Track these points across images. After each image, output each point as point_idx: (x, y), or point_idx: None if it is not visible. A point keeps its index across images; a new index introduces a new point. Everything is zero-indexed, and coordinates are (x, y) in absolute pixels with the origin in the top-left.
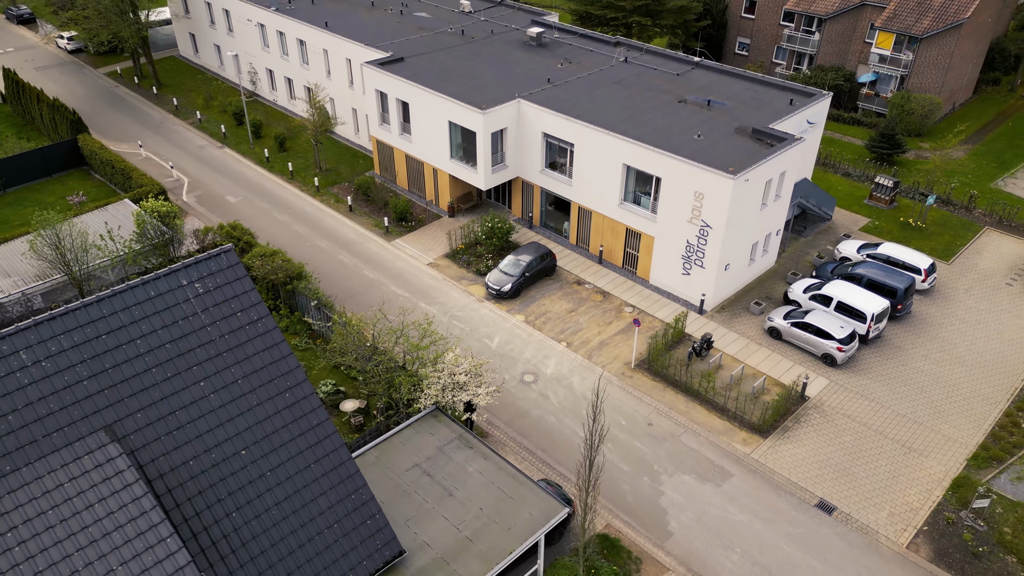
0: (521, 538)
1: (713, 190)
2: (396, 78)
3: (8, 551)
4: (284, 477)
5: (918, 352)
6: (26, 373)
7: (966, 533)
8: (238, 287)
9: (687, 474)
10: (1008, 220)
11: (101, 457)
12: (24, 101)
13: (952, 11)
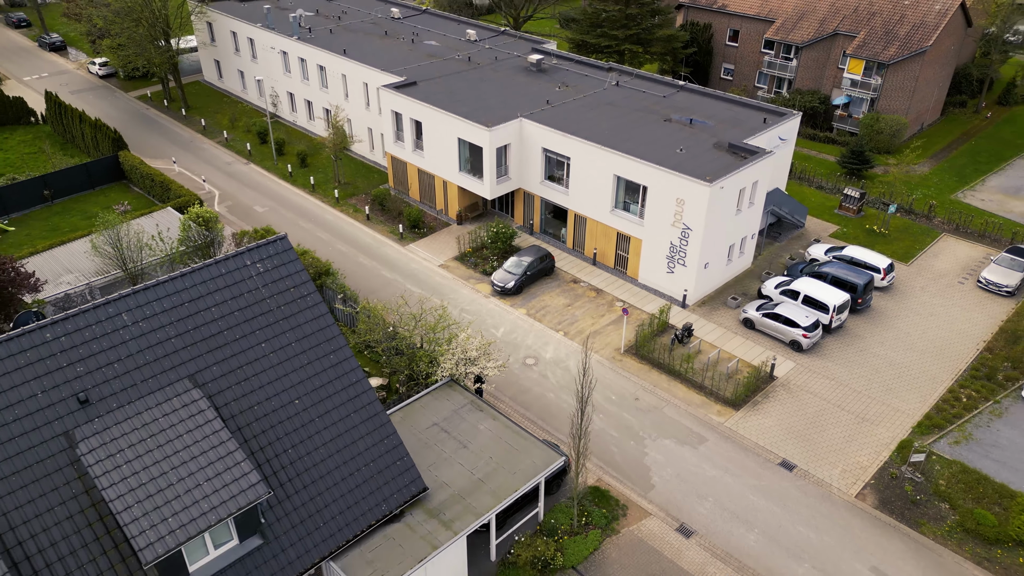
0: (524, 479)
1: (692, 197)
2: (410, 100)
3: (118, 467)
4: (329, 423)
5: (875, 340)
6: (127, 331)
7: (907, 485)
8: (291, 268)
9: (668, 439)
10: (964, 227)
11: (187, 399)
12: (65, 121)
13: (916, 40)
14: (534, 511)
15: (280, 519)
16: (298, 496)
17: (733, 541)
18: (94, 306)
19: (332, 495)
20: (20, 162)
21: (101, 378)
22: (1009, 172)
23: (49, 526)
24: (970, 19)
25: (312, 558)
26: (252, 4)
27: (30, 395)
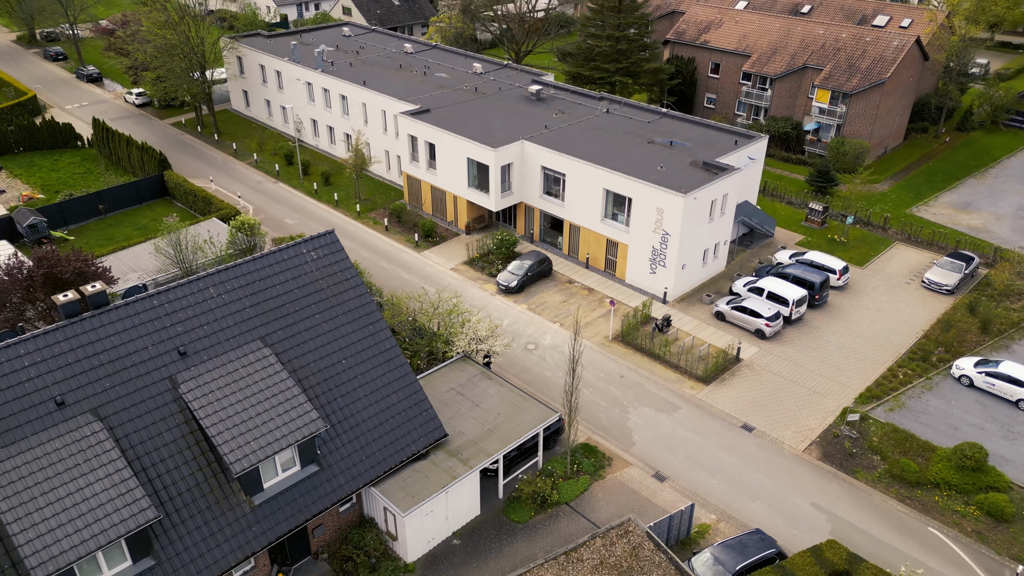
0: (526, 429)
1: (670, 206)
2: (425, 124)
3: (210, 403)
4: (369, 380)
5: (829, 329)
6: (213, 301)
7: (846, 442)
8: (338, 256)
9: (647, 407)
10: (915, 237)
11: (259, 355)
12: (112, 144)
13: (875, 73)
14: (534, 460)
15: (331, 453)
16: (345, 435)
17: (699, 485)
18: (188, 281)
19: (372, 436)
20: (71, 180)
21: (195, 336)
22: (961, 190)
23: (159, 446)
24: (926, 54)
25: (357, 484)
26: (278, 40)
27: (140, 351)
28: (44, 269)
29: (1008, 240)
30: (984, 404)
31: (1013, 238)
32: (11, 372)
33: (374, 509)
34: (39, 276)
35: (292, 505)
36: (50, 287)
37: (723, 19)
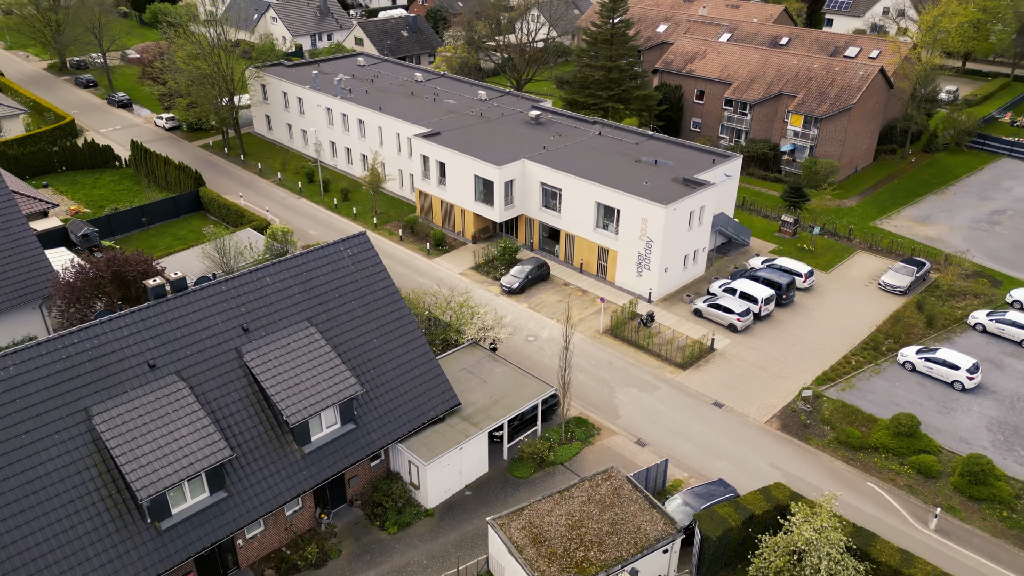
0: (526, 400)
1: (653, 216)
2: (436, 145)
3: (269, 369)
4: (395, 356)
5: (794, 324)
6: (268, 288)
7: (802, 416)
8: (369, 253)
9: (632, 388)
10: (875, 246)
11: (306, 333)
12: (149, 164)
13: (843, 99)
14: (533, 429)
15: (365, 415)
16: (375, 401)
17: (675, 449)
18: (249, 271)
19: (398, 402)
20: (112, 196)
21: (255, 316)
22: (922, 205)
23: (229, 403)
24: (891, 82)
25: (386, 440)
26: (298, 69)
27: (210, 327)
28: (113, 268)
29: (960, 249)
30: (923, 385)
31: (964, 247)
32: (114, 341)
33: (399, 464)
34: (108, 274)
35: (333, 456)
36: (117, 284)
37: (707, 50)
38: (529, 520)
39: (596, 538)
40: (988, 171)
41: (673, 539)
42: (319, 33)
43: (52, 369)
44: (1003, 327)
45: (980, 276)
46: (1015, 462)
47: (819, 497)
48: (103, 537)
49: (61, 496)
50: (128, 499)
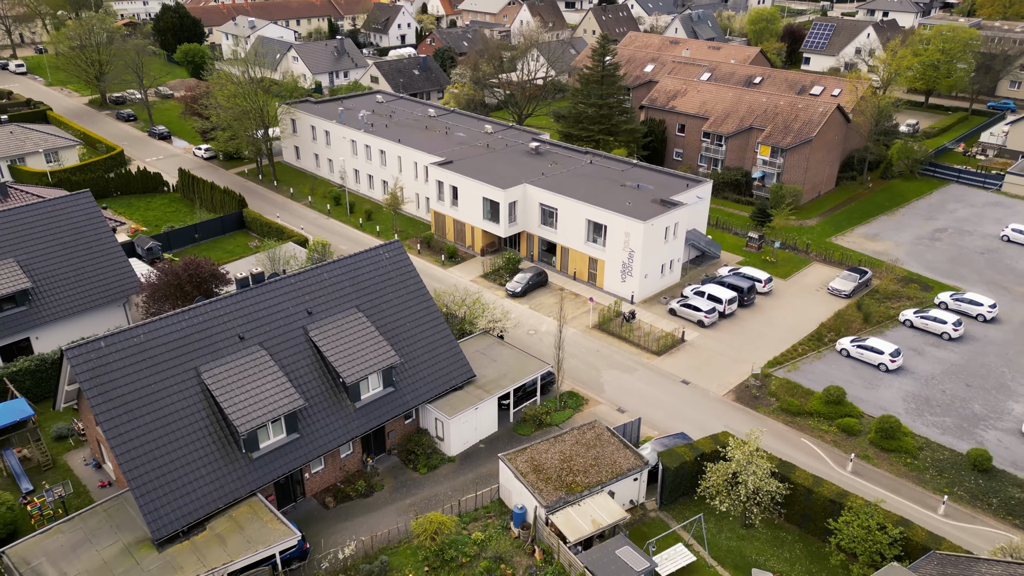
0: (528, 374)
1: (634, 231)
2: (449, 172)
3: (329, 344)
4: (423, 337)
5: (753, 321)
6: (325, 281)
7: (753, 390)
8: (402, 256)
9: (615, 369)
10: (828, 258)
11: (356, 317)
12: (196, 188)
13: (805, 132)
14: (534, 399)
15: (400, 381)
16: (408, 372)
17: (648, 415)
18: (309, 269)
19: (426, 373)
20: (165, 217)
21: (316, 303)
22: (873, 224)
23: (298, 367)
24: (848, 117)
25: (417, 401)
26: (324, 105)
27: (283, 310)
28: (190, 271)
29: (901, 260)
30: (855, 367)
31: (905, 259)
32: (213, 318)
33: (427, 422)
34: (185, 276)
35: (377, 411)
36: (194, 283)
37: (687, 89)
38: (530, 456)
39: (582, 468)
40: (937, 195)
41: (641, 470)
42: (336, 71)
43: (171, 337)
44: (927, 322)
45: (913, 282)
46: (922, 424)
47: (747, 434)
48: (212, 460)
49: (182, 429)
50: (229, 435)
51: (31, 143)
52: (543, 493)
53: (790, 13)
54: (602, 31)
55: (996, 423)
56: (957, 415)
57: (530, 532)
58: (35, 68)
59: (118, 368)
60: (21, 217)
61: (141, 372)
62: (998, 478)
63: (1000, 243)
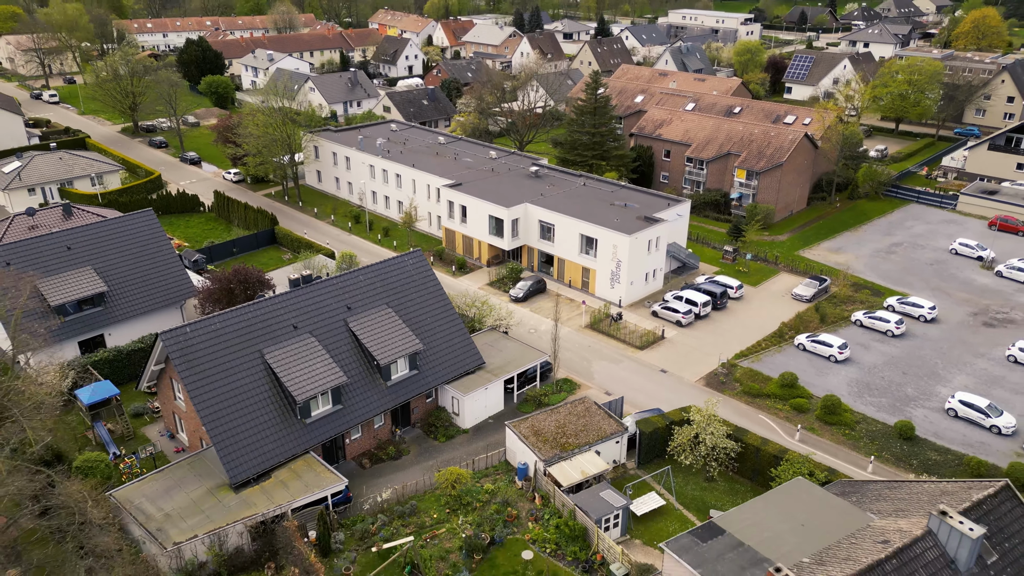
0: (529, 362)
1: (621, 243)
2: (458, 193)
3: (366, 333)
4: (441, 329)
5: (725, 322)
6: (360, 282)
7: (721, 377)
8: (423, 263)
9: (603, 361)
10: (795, 268)
11: (386, 312)
12: (230, 208)
13: (776, 157)
14: (533, 384)
15: (423, 365)
16: (429, 357)
17: (631, 396)
18: (347, 272)
19: (443, 359)
20: (203, 234)
21: (353, 300)
22: (837, 239)
23: (341, 352)
24: (816, 144)
25: (437, 382)
26: (343, 133)
27: (327, 305)
28: (239, 277)
29: (858, 271)
30: (809, 359)
31: (863, 269)
32: (273, 310)
33: (445, 400)
34: (235, 281)
35: (404, 389)
36: (242, 287)
37: (672, 118)
38: (531, 424)
39: (573, 432)
40: (897, 214)
41: (621, 434)
42: (350, 101)
43: (239, 325)
44: (874, 322)
45: (866, 288)
46: (862, 403)
47: (705, 402)
48: (275, 424)
49: (252, 398)
50: (288, 404)
51: (79, 168)
52: (542, 451)
53: (777, 43)
54: (597, 63)
55: (924, 403)
56: (892, 396)
57: (531, 483)
58: (66, 97)
59: (201, 349)
60: (97, 232)
61: (218, 352)
62: (920, 445)
63: (948, 255)
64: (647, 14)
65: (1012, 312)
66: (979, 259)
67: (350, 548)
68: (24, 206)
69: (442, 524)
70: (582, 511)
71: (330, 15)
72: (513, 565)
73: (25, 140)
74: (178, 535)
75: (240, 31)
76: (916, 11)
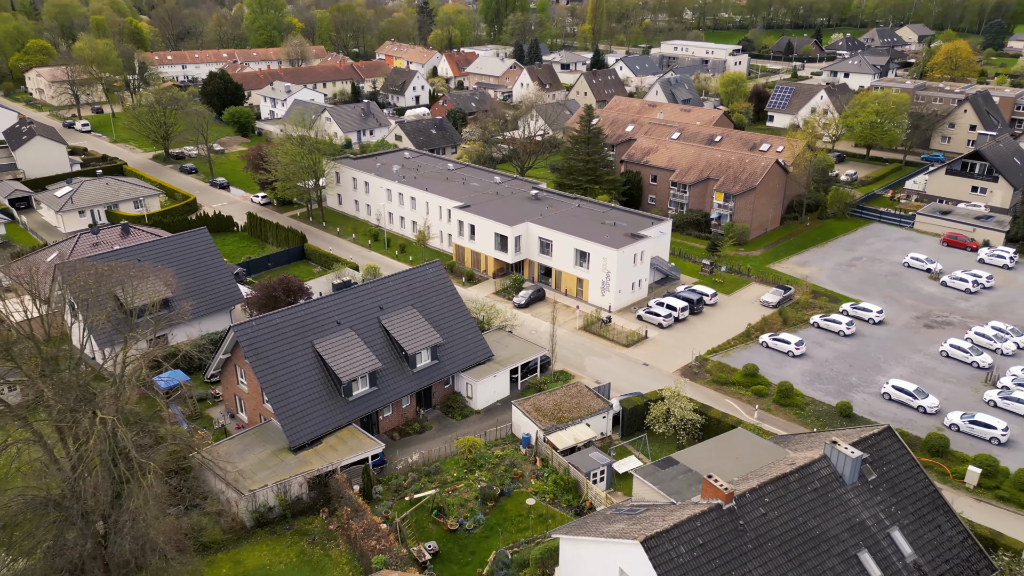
0: (531, 355)
1: (610, 256)
2: (468, 213)
3: (397, 327)
4: (457, 327)
5: (700, 324)
6: (402, 288)
7: (695, 369)
8: (441, 271)
9: (594, 356)
10: (765, 279)
11: (411, 312)
12: (261, 228)
13: (750, 182)
14: (534, 374)
15: (442, 356)
16: (447, 350)
17: (617, 384)
18: (380, 279)
19: (458, 352)
20: (239, 251)
21: (385, 301)
22: (805, 254)
23: (375, 344)
24: (786, 169)
25: (454, 370)
26: (361, 161)
27: (364, 305)
28: (284, 285)
29: (821, 281)
30: (770, 354)
31: (825, 280)
32: (320, 309)
33: (460, 386)
34: (280, 289)
35: (427, 375)
36: (286, 294)
37: (659, 146)
38: (533, 402)
39: (568, 409)
40: (861, 232)
41: (607, 411)
42: (363, 130)
43: (294, 321)
44: (829, 323)
45: (824, 296)
46: (812, 390)
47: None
48: (324, 400)
49: (306, 381)
50: (334, 385)
51: (123, 192)
52: (542, 423)
53: (764, 72)
54: (592, 93)
55: (865, 389)
56: (838, 384)
57: (533, 449)
58: (96, 126)
59: (263, 339)
60: (162, 247)
61: (278, 342)
62: (857, 422)
63: (902, 268)
64: (641, 43)
65: (951, 316)
66: (928, 271)
67: (387, 498)
68: (75, 227)
69: (461, 480)
70: (575, 468)
71: (338, 47)
72: (519, 510)
73: (68, 167)
74: (252, 484)
75: (256, 63)
76: (899, 40)
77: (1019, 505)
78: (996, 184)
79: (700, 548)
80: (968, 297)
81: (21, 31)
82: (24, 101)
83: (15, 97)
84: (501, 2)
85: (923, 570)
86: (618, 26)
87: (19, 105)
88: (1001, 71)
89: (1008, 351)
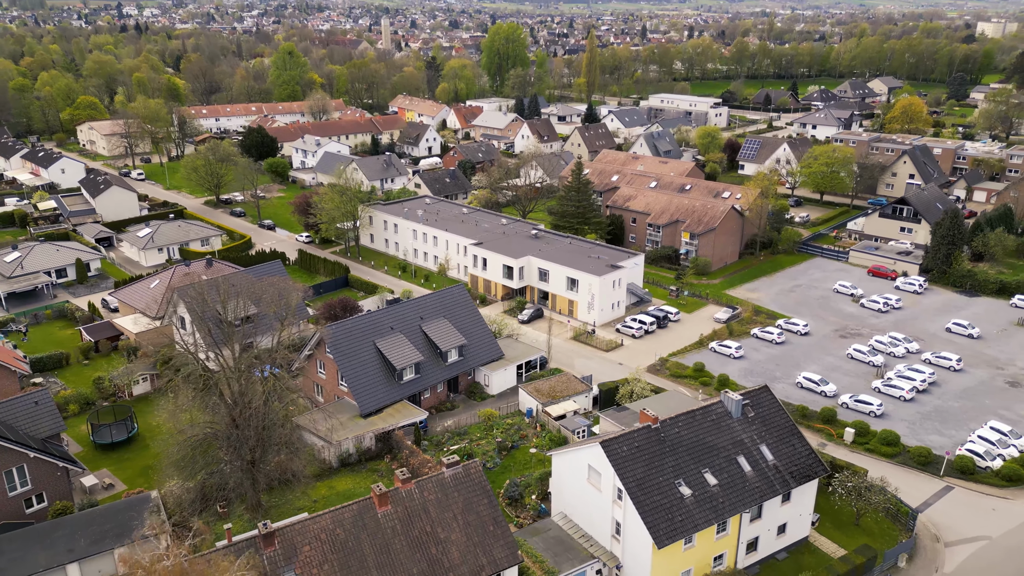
0: (532, 356)
1: (594, 282)
2: (481, 249)
3: (434, 330)
4: (476, 333)
5: (665, 336)
6: (427, 304)
7: (657, 366)
8: (464, 293)
9: (582, 358)
10: (719, 301)
11: (443, 320)
12: (310, 262)
13: (711, 224)
14: (535, 369)
15: (466, 353)
16: (470, 349)
17: (598, 377)
18: (418, 298)
19: (477, 350)
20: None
21: (424, 313)
22: (755, 283)
23: (417, 344)
24: (742, 213)
25: (475, 364)
26: (389, 205)
27: (409, 316)
28: (342, 304)
29: (764, 303)
30: (716, 357)
31: (768, 303)
32: (379, 318)
33: (479, 377)
34: (339, 306)
35: (455, 367)
36: (345, 311)
37: (638, 194)
38: (535, 385)
39: (560, 390)
40: (804, 264)
41: (589, 392)
42: (385, 178)
43: (363, 325)
44: (764, 334)
45: (763, 314)
46: (744, 381)
47: (635, 370)
48: (383, 382)
49: (372, 368)
50: (390, 372)
51: (193, 233)
52: (541, 399)
53: (743, 123)
54: (585, 144)
55: (784, 380)
56: (765, 377)
57: (534, 419)
58: (149, 175)
59: (341, 338)
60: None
61: (351, 340)
62: None
63: (831, 293)
64: (632, 94)
65: (862, 329)
66: (851, 295)
67: (430, 450)
68: (155, 262)
69: (482, 438)
70: (564, 428)
71: (354, 99)
72: (525, 457)
73: (138, 211)
74: (337, 436)
75: (282, 116)
76: (870, 92)
77: (879, 454)
78: (919, 225)
79: (636, 449)
80: (879, 315)
81: (71, 87)
82: (76, 151)
83: (68, 148)
84: (503, 56)
85: (779, 469)
86: (611, 78)
87: (73, 155)
88: (960, 121)
89: (899, 354)
